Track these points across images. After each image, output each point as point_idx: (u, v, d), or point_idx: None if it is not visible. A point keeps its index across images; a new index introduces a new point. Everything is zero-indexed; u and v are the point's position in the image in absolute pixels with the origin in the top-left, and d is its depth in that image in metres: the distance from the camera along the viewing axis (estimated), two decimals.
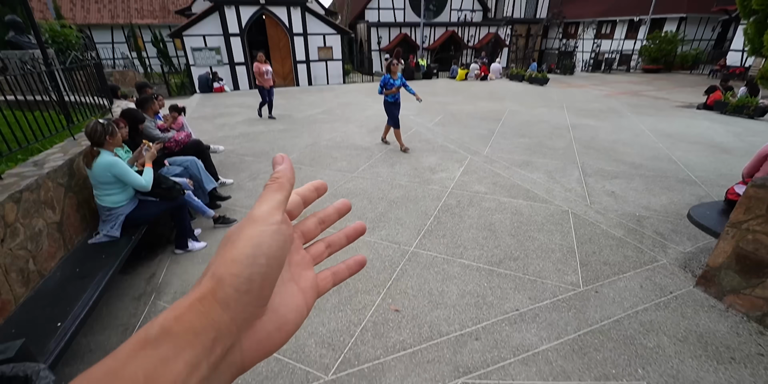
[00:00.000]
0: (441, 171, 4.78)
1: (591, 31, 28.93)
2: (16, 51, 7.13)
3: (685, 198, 4.02)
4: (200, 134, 6.47)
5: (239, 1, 13.75)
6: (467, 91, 12.53)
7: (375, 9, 23.38)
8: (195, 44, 14.18)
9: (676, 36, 20.79)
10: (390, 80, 5.32)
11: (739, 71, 15.49)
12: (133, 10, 24.10)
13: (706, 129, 7.07)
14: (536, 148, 5.82)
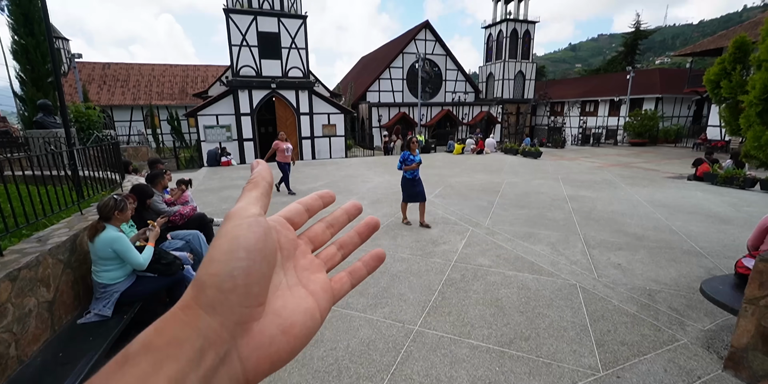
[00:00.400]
0: (443, 243, 4.84)
1: (576, 109, 31.95)
2: (41, 130, 7.85)
3: (694, 270, 4.00)
4: (204, 206, 6.70)
5: (253, 85, 15.54)
6: (464, 164, 13.29)
7: (376, 91, 26.25)
8: (208, 122, 15.55)
9: (656, 113, 22.88)
10: (410, 156, 5.38)
11: (721, 144, 16.65)
12: (154, 93, 26.98)
13: (702, 199, 7.34)
14: (537, 219, 5.97)
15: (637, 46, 45.64)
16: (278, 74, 15.94)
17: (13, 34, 11.26)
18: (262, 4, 15.29)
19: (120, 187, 5.35)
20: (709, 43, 18.71)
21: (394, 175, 10.53)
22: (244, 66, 15.43)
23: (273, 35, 15.59)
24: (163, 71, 28.69)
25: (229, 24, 14.90)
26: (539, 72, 41.11)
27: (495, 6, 31.54)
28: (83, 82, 23.18)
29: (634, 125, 22.43)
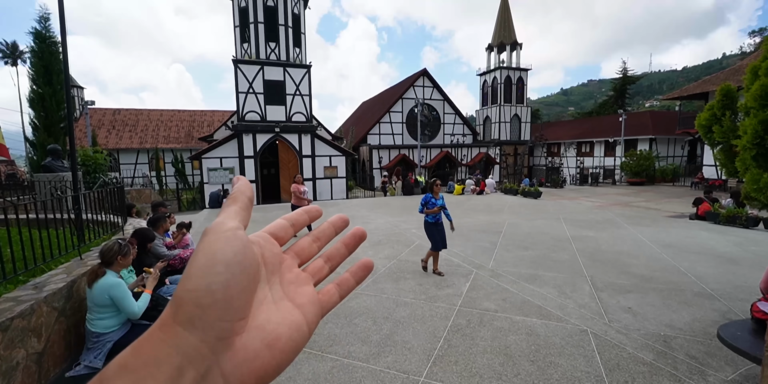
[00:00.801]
0: (447, 287, 4.75)
1: (572, 150, 32.89)
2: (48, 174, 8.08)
3: (708, 314, 3.89)
4: None
5: (257, 129, 16.21)
6: (465, 204, 13.40)
7: (376, 134, 27.26)
8: (211, 165, 15.97)
9: (651, 153, 23.52)
10: (432, 200, 5.19)
11: (719, 183, 16.89)
12: (161, 137, 28.00)
13: (706, 239, 7.31)
14: (541, 260, 5.91)
15: (626, 91, 48.34)
16: (282, 119, 16.71)
17: (32, 84, 12.08)
18: (269, 55, 16.49)
19: (122, 231, 5.39)
20: (695, 87, 19.87)
21: (395, 217, 10.59)
22: (250, 111, 16.23)
23: (278, 83, 16.62)
24: (171, 116, 30.07)
25: (237, 73, 15.95)
26: (534, 115, 43.00)
27: (488, 55, 33.94)
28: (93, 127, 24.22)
29: (630, 165, 22.95)
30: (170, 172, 26.53)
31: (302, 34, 17.52)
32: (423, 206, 5.26)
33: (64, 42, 4.67)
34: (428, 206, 5.21)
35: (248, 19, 16.15)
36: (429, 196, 5.25)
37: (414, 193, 17.13)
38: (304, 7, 17.65)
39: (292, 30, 16.88)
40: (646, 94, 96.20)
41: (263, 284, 0.28)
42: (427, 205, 5.22)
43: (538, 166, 34.63)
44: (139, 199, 13.29)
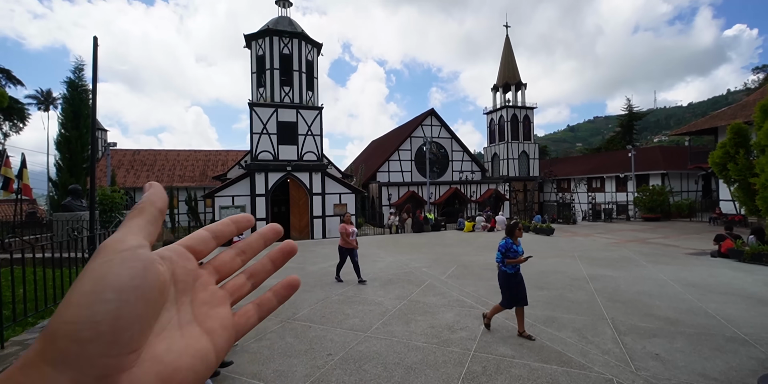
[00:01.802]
0: (460, 330, 4.58)
1: (583, 186, 32.74)
2: (66, 213, 8.35)
3: (744, 362, 3.63)
4: None
5: (269, 168, 16.71)
6: (476, 242, 13.21)
7: (386, 172, 27.74)
8: (224, 203, 16.30)
9: (664, 188, 23.24)
10: (513, 246, 4.38)
11: (738, 218, 16.41)
12: (176, 176, 28.94)
13: (732, 278, 6.99)
14: (558, 301, 5.69)
15: (633, 127, 49.02)
16: (294, 158, 17.26)
17: (61, 127, 12.93)
18: (283, 98, 17.47)
19: None
20: (703, 123, 20.10)
21: (404, 255, 10.45)
22: (263, 151, 16.86)
23: (291, 124, 17.41)
24: (188, 156, 31.31)
25: (252, 115, 16.82)
26: (542, 151, 43.51)
27: (494, 95, 35.29)
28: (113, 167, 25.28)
29: (644, 200, 22.61)
30: (183, 210, 27.06)
31: (315, 79, 18.66)
32: (502, 255, 4.38)
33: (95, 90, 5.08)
34: (509, 254, 4.35)
35: (265, 66, 17.37)
36: (509, 241, 4.42)
37: (423, 230, 17.01)
38: (317, 55, 18.97)
39: (306, 75, 18.02)
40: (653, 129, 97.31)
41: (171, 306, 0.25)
42: (508, 252, 4.36)
43: (548, 202, 34.35)
44: None
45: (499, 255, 4.42)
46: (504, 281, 4.42)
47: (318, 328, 4.71)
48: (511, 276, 4.39)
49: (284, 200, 18.81)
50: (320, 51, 19.16)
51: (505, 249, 4.38)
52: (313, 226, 17.36)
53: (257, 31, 17.62)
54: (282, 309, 5.50)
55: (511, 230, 4.52)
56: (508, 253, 4.36)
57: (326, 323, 4.89)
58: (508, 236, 4.50)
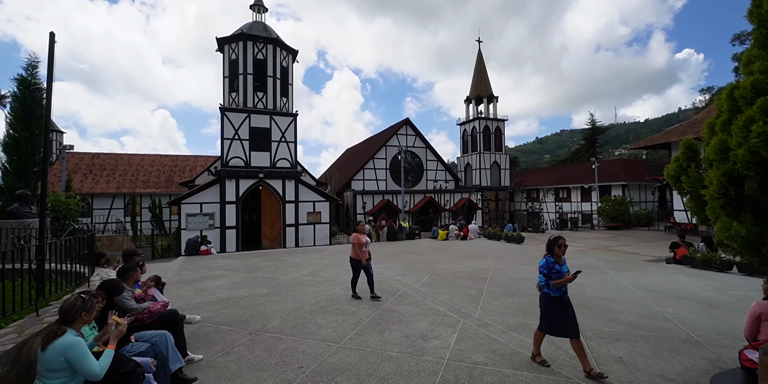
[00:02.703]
0: (434, 338, 4.59)
1: (551, 196, 34.11)
2: (12, 221, 7.72)
3: (698, 363, 3.86)
4: (176, 300, 6.31)
5: (241, 175, 16.27)
6: (450, 250, 13.39)
7: (360, 180, 27.71)
8: (191, 210, 15.66)
9: (625, 199, 24.65)
10: (555, 266, 3.77)
11: (690, 227, 17.64)
12: (140, 182, 27.59)
13: (686, 284, 7.45)
14: (528, 308, 5.84)
15: (597, 140, 51.92)
16: (266, 165, 16.93)
17: (9, 128, 12.00)
18: (257, 104, 17.18)
19: (87, 283, 5.08)
20: (658, 138, 21.62)
21: (379, 263, 10.41)
22: (234, 157, 16.43)
23: (264, 130, 17.11)
24: (152, 161, 29.98)
25: (224, 120, 16.41)
26: (513, 162, 45.07)
27: (467, 107, 36.35)
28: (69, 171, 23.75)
29: (606, 210, 23.84)
30: (146, 217, 25.76)
31: (290, 85, 18.52)
32: (545, 276, 3.77)
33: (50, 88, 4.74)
34: (552, 276, 3.74)
35: (238, 70, 17.07)
36: (550, 260, 3.81)
37: (398, 238, 17.04)
38: (292, 61, 18.88)
39: (280, 81, 17.85)
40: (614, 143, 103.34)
41: None
42: (551, 273, 3.75)
43: (519, 211, 35.47)
44: (110, 246, 12.70)
45: (542, 277, 3.81)
46: (546, 304, 3.83)
47: (289, 340, 4.57)
48: (556, 300, 3.78)
49: (256, 208, 18.34)
50: (296, 58, 19.09)
51: (547, 270, 3.76)
52: (286, 234, 16.99)
53: (231, 35, 17.34)
54: (251, 321, 5.32)
55: (551, 247, 3.86)
56: (551, 275, 3.74)
57: (298, 335, 4.76)
58: (548, 254, 3.89)
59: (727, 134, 2.80)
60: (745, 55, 2.90)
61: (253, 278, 8.47)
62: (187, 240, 13.29)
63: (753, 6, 3.02)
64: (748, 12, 3.07)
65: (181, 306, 5.93)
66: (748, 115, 2.53)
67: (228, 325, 5.18)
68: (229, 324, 5.21)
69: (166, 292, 5.56)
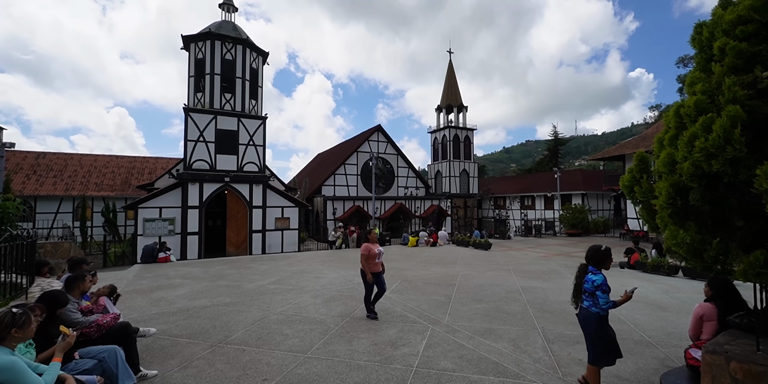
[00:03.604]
0: (403, 345, 4.58)
1: (517, 203, 35.40)
2: None
3: (649, 362, 4.10)
4: (130, 312, 5.92)
5: (205, 179, 15.63)
6: (419, 256, 13.50)
7: (331, 185, 27.46)
8: (149, 215, 14.82)
9: (584, 207, 26.05)
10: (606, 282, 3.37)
11: (642, 234, 18.91)
12: (92, 184, 25.80)
13: (639, 288, 7.94)
14: (494, 313, 5.98)
15: (559, 151, 54.74)
16: (233, 168, 16.39)
17: None
18: (224, 106, 16.67)
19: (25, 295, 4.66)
20: (613, 150, 23.12)
21: (349, 270, 10.31)
22: (198, 160, 15.79)
23: (231, 133, 16.60)
24: (107, 162, 28.20)
25: (188, 121, 15.75)
26: (481, 170, 46.40)
27: (438, 115, 37.16)
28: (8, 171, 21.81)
29: (567, 218, 25.08)
30: (98, 222, 24.10)
31: (259, 87, 18.14)
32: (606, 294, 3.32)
33: None
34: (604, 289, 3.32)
35: (204, 70, 16.51)
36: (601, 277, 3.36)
37: None
38: (262, 63, 18.54)
39: (250, 83, 17.45)
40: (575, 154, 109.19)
41: None
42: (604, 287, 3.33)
43: (486, 218, 36.47)
44: (55, 253, 11.74)
45: (606, 298, 3.29)
46: (597, 327, 3.32)
47: (253, 352, 4.40)
48: (605, 319, 3.37)
49: (221, 213, 17.67)
50: (266, 60, 18.77)
51: (607, 287, 3.32)
52: (252, 241, 16.45)
53: (198, 34, 16.79)
54: (212, 332, 5.08)
55: (604, 259, 3.48)
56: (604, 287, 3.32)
57: (262, 346, 4.60)
58: (598, 267, 3.46)
59: (674, 148, 3.04)
60: (689, 77, 3.18)
61: (216, 287, 8.11)
62: (144, 247, 12.56)
63: (695, 33, 3.33)
64: (691, 38, 3.37)
65: (135, 318, 5.57)
66: (692, 131, 2.76)
67: (187, 337, 4.91)
68: (188, 336, 4.94)
69: (119, 303, 5.21)
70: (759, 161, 2.41)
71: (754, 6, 2.73)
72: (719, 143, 2.51)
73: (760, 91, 2.60)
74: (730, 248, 2.83)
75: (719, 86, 2.76)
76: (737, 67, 2.80)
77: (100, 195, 25.15)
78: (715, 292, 3.56)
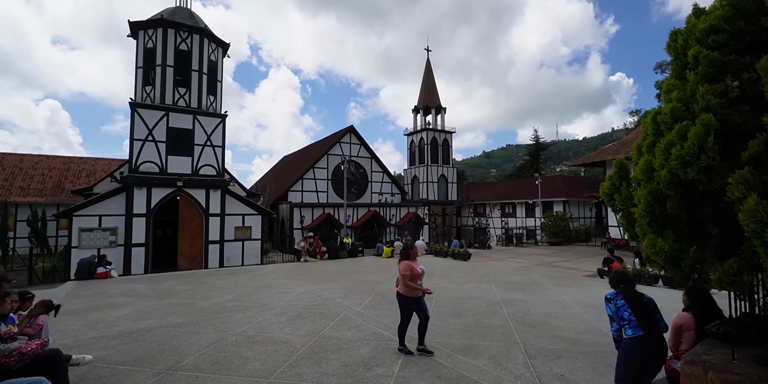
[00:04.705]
0: (377, 366, 4.57)
1: (497, 211, 36.31)
2: None
3: None
4: (61, 337, 5.58)
5: (154, 183, 15.02)
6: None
7: (299, 191, 27.11)
8: (86, 224, 14.04)
9: (565, 215, 27.13)
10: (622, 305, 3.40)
11: (623, 243, 19.90)
12: (15, 189, 24.16)
13: None
14: (474, 328, 6.09)
15: (540, 156, 56.86)
16: (187, 171, 15.87)
17: None
18: (177, 101, 16.15)
19: None
20: (594, 156, 24.29)
21: (317, 284, 10.19)
22: (147, 162, 15.17)
23: (186, 132, 16.09)
24: (35, 163, 26.52)
25: (135, 118, 15.13)
26: (460, 176, 47.38)
27: (415, 117, 37.69)
28: None
29: (549, 226, 26.02)
30: (23, 232, 22.52)
31: (218, 82, 17.75)
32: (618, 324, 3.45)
33: None
34: None
35: (155, 61, 15.98)
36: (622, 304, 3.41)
37: (339, 256, 16.85)
38: (222, 55, 18.18)
39: (207, 77, 17.04)
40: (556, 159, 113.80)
41: None
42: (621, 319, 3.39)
43: (466, 227, 37.15)
44: None
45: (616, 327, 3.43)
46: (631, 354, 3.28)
47: (208, 378, 4.25)
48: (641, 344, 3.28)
49: (172, 222, 16.99)
50: (227, 52, 18.43)
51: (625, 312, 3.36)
52: (208, 252, 15.89)
53: (148, 20, 16.24)
54: (160, 357, 4.86)
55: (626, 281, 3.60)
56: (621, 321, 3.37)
57: (219, 371, 4.44)
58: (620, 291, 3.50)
59: (652, 156, 3.26)
60: (665, 84, 3.43)
61: (165, 305, 7.78)
62: (80, 261, 11.86)
63: (670, 40, 3.60)
64: (667, 45, 3.65)
65: (67, 344, 5.25)
66: (669, 139, 2.98)
67: (129, 364, 4.67)
68: (131, 363, 4.70)
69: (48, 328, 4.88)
70: (731, 170, 2.62)
71: (725, 16, 3.00)
72: (694, 151, 2.71)
73: (732, 100, 2.85)
74: (706, 257, 3.05)
75: (694, 94, 3.00)
76: (710, 76, 3.05)
77: (26, 201, 23.55)
78: (692, 301, 3.80)
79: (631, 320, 3.29)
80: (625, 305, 3.36)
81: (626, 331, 3.31)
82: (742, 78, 2.87)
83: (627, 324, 3.31)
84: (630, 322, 3.29)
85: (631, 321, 3.29)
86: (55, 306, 4.43)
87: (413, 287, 4.99)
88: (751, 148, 2.58)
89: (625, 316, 3.33)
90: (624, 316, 3.34)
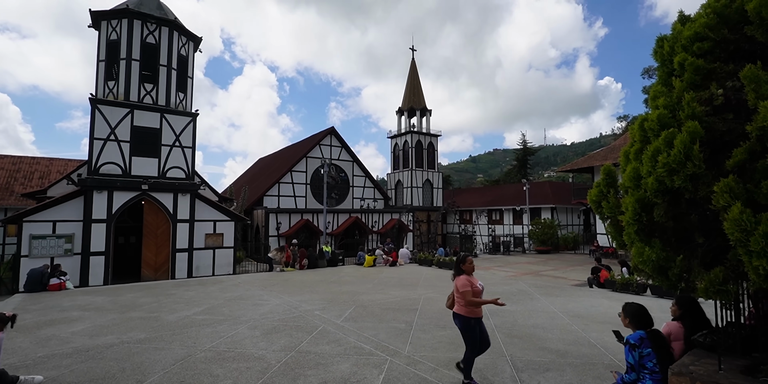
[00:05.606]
0: (357, 382, 4.56)
1: (484, 218, 36.78)
2: None
3: None
4: (7, 356, 5.36)
5: (116, 186, 14.60)
6: (377, 278, 13.53)
7: (275, 196, 26.81)
8: (38, 231, 13.52)
9: (553, 222, 27.73)
10: None
11: (611, 251, 20.46)
12: None
13: (608, 308, 8.57)
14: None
15: (528, 161, 58.06)
16: (153, 174, 15.50)
17: None
18: (143, 98, 15.81)
19: None
20: (582, 162, 24.97)
21: (294, 295, 10.08)
22: (108, 163, 14.75)
23: (152, 131, 15.74)
24: None
25: (96, 115, 14.71)
26: (446, 181, 47.92)
27: (399, 119, 37.95)
28: None
29: (537, 233, 26.54)
30: None
31: (189, 78, 17.48)
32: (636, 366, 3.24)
33: None
34: None
35: (119, 54, 15.62)
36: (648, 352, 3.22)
37: (318, 265, 16.72)
38: (193, 50, 17.94)
39: (177, 73, 16.77)
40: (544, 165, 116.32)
41: None
42: None
43: (451, 234, 37.48)
44: None
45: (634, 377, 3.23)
46: None
47: None
48: None
49: (135, 228, 16.54)
50: (198, 46, 18.20)
51: None
52: (176, 262, 15.51)
53: (111, 10, 15.90)
54: (120, 377, 4.71)
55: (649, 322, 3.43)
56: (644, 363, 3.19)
57: None
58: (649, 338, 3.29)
59: (640, 163, 3.39)
60: (652, 90, 3.59)
61: (127, 320, 7.55)
62: (30, 271, 11.39)
63: (657, 46, 3.78)
64: (653, 51, 3.82)
65: (13, 363, 5.04)
66: (656, 146, 3.11)
67: None
68: (87, 383, 4.54)
69: None
70: (716, 178, 2.76)
71: (709, 24, 3.17)
72: (680, 159, 2.84)
73: (716, 108, 3.00)
74: (692, 265, 3.18)
75: (680, 101, 3.15)
76: (696, 83, 3.21)
77: None
78: (683, 310, 3.93)
79: (654, 371, 3.15)
80: (652, 354, 3.18)
81: (645, 382, 3.16)
82: (726, 86, 3.03)
83: (648, 374, 3.16)
84: (653, 374, 3.15)
85: (654, 372, 3.15)
86: (9, 317, 4.27)
87: (477, 303, 4.60)
88: (735, 156, 2.72)
89: (649, 366, 3.17)
90: (647, 365, 3.18)
